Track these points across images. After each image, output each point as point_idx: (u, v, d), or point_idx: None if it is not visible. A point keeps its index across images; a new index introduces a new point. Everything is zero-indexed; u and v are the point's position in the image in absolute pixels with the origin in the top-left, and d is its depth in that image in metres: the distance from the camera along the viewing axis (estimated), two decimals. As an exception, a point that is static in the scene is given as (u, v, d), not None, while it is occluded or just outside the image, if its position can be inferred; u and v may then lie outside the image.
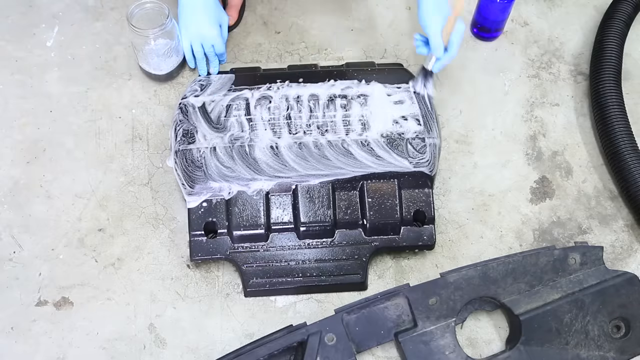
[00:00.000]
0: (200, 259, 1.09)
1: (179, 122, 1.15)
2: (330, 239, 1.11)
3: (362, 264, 1.10)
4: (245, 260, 1.10)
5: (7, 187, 1.19)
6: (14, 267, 1.12)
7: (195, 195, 1.10)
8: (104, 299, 1.10)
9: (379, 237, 1.11)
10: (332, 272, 1.10)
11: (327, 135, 1.14)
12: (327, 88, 1.20)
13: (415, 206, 1.12)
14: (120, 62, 1.33)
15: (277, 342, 0.99)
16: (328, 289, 1.11)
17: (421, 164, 1.13)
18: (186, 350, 1.07)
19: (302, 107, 1.17)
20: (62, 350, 1.06)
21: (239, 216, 1.09)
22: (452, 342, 1.02)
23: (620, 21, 1.33)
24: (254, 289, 1.09)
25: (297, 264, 1.10)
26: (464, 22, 1.15)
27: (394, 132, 1.15)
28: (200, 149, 1.13)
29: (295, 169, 1.12)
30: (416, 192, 1.12)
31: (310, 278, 1.10)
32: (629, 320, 1.05)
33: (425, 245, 1.12)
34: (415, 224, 1.12)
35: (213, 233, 1.10)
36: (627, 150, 1.19)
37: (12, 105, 1.27)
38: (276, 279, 1.09)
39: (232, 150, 1.13)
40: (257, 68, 1.28)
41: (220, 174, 1.11)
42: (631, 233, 1.20)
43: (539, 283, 1.06)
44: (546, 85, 1.35)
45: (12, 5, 1.38)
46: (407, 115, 1.17)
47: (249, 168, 1.11)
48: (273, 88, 1.20)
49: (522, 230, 1.19)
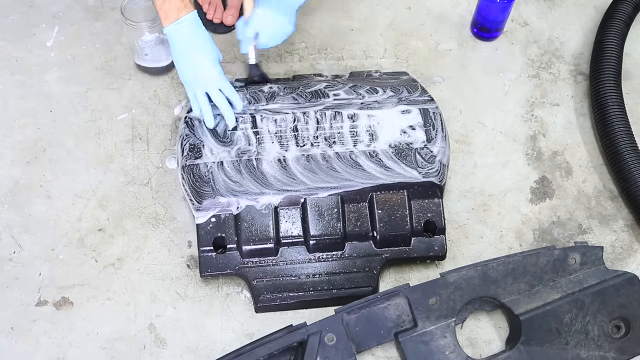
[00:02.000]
0: (210, 274, 1.08)
1: (185, 137, 1.14)
2: (340, 251, 1.11)
3: (373, 276, 1.09)
4: (256, 275, 1.08)
5: (7, 187, 1.19)
6: (14, 267, 1.12)
7: (203, 211, 1.09)
8: (104, 299, 1.10)
9: (390, 248, 1.10)
10: (343, 285, 1.09)
11: (335, 147, 1.13)
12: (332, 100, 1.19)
13: (425, 217, 1.11)
14: (120, 62, 1.33)
15: (277, 342, 0.99)
16: (339, 302, 1.08)
17: (430, 174, 1.12)
18: (186, 350, 1.07)
19: (308, 119, 1.16)
20: (62, 350, 1.06)
21: (248, 231, 1.08)
22: (452, 342, 1.02)
23: (620, 21, 1.33)
24: (265, 304, 1.08)
25: (307, 278, 1.09)
26: (464, 22, 1.15)
27: (402, 142, 1.14)
28: (208, 164, 1.12)
29: (304, 182, 1.10)
30: (426, 203, 1.11)
31: (322, 292, 1.09)
32: (629, 320, 1.05)
33: (436, 256, 1.11)
34: (426, 235, 1.12)
35: (222, 248, 1.10)
36: (627, 150, 1.19)
37: (12, 105, 1.27)
38: (287, 293, 1.08)
39: (240, 164, 1.12)
40: (263, 76, 1.25)
41: (228, 189, 1.10)
42: (631, 233, 1.20)
43: (539, 283, 1.06)
44: (546, 85, 1.35)
45: (12, 5, 1.38)
46: (415, 124, 1.16)
47: (257, 182, 1.10)
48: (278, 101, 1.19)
49: (522, 230, 1.19)
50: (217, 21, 1.37)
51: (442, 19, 1.42)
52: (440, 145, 1.14)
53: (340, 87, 1.21)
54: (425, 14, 1.42)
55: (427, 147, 1.14)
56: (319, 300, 1.09)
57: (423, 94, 1.20)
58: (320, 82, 1.22)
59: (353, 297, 1.07)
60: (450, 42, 1.40)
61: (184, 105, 1.28)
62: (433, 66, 1.36)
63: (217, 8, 1.37)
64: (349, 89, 1.20)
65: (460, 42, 1.40)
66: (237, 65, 1.33)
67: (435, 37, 1.40)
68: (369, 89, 1.20)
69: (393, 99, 1.19)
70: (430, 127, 1.16)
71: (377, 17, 1.41)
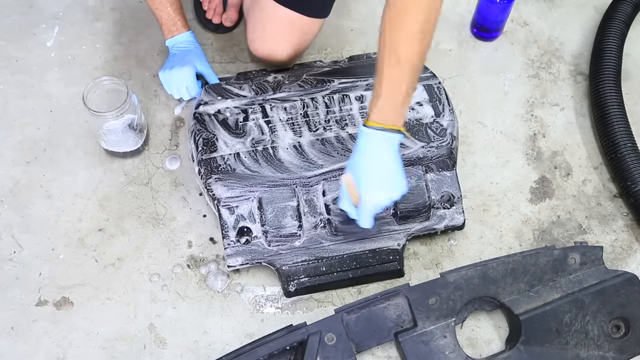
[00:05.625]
0: (238, 266, 1.09)
1: (197, 132, 1.15)
2: (363, 229, 1.12)
3: (398, 252, 1.11)
4: (283, 262, 1.09)
5: (7, 187, 1.19)
6: (14, 267, 1.12)
7: (226, 208, 1.10)
8: (104, 299, 1.10)
9: (411, 223, 1.12)
10: (370, 263, 1.11)
11: (348, 129, 1.16)
12: (337, 85, 1.21)
13: (441, 189, 1.14)
14: (120, 62, 1.33)
15: (277, 342, 0.99)
16: (367, 280, 1.11)
17: (442, 147, 1.15)
18: (186, 350, 1.07)
19: (318, 104, 1.19)
20: (63, 350, 1.06)
21: (271, 218, 1.09)
22: (452, 342, 1.02)
23: (620, 21, 1.33)
24: (294, 288, 1.09)
25: (334, 259, 1.10)
26: (464, 22, 1.15)
27: (411, 119, 1.17)
28: (225, 156, 1.13)
29: (322, 165, 1.13)
30: (441, 175, 1.14)
31: (348, 271, 1.10)
32: (628, 320, 1.05)
33: (456, 226, 1.13)
34: (444, 206, 1.14)
35: (247, 238, 1.10)
36: (627, 151, 1.19)
37: (12, 105, 1.27)
38: (315, 276, 1.10)
39: (256, 154, 1.13)
40: (265, 70, 1.27)
41: (247, 179, 1.11)
42: (631, 233, 1.20)
43: (538, 283, 1.06)
44: (546, 85, 1.35)
45: (12, 5, 1.38)
46: (421, 100, 1.19)
47: (275, 170, 1.12)
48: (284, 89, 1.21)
49: (522, 230, 1.19)
50: (216, 21, 1.36)
51: (442, 19, 1.40)
52: (449, 118, 1.18)
53: (344, 71, 1.23)
54: (425, 14, 1.42)
55: (436, 122, 1.17)
56: (347, 280, 1.10)
57: (425, 71, 1.23)
58: (322, 67, 1.24)
59: (381, 274, 1.10)
60: (450, 42, 1.40)
61: (184, 106, 1.28)
62: (433, 66, 1.35)
63: (216, 8, 1.37)
64: (352, 71, 1.23)
65: (460, 42, 1.40)
66: (237, 65, 1.34)
67: (435, 37, 1.38)
68: (372, 70, 1.21)
69: None
70: (436, 102, 1.19)
71: (377, 17, 1.40)
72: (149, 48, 1.35)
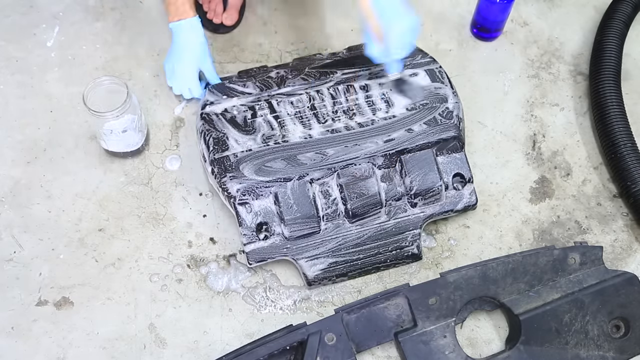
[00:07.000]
0: (259, 263, 1.09)
1: (207, 132, 1.15)
2: (380, 217, 1.13)
3: (415, 236, 1.12)
4: (303, 254, 1.10)
5: (7, 187, 1.19)
6: (14, 267, 1.12)
7: (243, 205, 1.10)
8: (104, 299, 1.10)
9: (425, 206, 1.13)
10: (388, 249, 1.12)
11: (356, 118, 1.17)
12: (340, 75, 1.22)
13: (452, 170, 1.15)
14: (120, 62, 1.33)
15: (277, 342, 1.00)
16: (387, 266, 1.13)
17: (450, 129, 1.16)
18: (186, 350, 1.07)
19: (324, 96, 1.19)
20: (63, 350, 1.06)
21: (288, 212, 1.09)
22: (452, 342, 1.02)
23: (620, 21, 1.33)
24: (316, 279, 1.10)
25: (352, 247, 1.11)
26: (464, 22, 1.15)
27: (417, 104, 1.18)
28: (237, 154, 1.13)
29: (334, 155, 1.13)
30: (451, 157, 1.16)
31: (369, 258, 1.11)
32: (628, 320, 1.05)
33: (469, 205, 1.15)
34: (456, 187, 1.15)
35: (266, 234, 1.11)
36: (627, 151, 1.19)
37: (12, 105, 1.27)
38: (335, 266, 1.10)
39: (268, 149, 1.14)
40: (265, 67, 1.27)
41: (261, 175, 1.12)
42: (631, 233, 1.20)
43: (538, 283, 1.06)
44: (546, 85, 1.35)
45: (12, 5, 1.38)
46: (425, 86, 1.20)
47: (288, 164, 1.12)
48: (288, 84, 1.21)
49: (521, 230, 1.19)
50: (217, 21, 1.36)
51: (442, 19, 1.42)
52: (454, 100, 1.19)
53: (344, 62, 1.24)
54: (425, 14, 1.42)
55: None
56: (369, 268, 1.12)
57: (425, 57, 1.24)
58: (323, 60, 1.25)
59: (399, 258, 1.12)
60: (450, 42, 1.40)
61: (184, 106, 1.28)
62: (433, 66, 1.36)
63: (217, 8, 1.37)
64: (353, 61, 1.24)
65: (460, 42, 1.40)
66: (237, 65, 1.34)
67: (435, 37, 1.40)
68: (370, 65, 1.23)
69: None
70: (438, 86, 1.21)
71: (377, 17, 1.41)
72: (149, 48, 1.35)
